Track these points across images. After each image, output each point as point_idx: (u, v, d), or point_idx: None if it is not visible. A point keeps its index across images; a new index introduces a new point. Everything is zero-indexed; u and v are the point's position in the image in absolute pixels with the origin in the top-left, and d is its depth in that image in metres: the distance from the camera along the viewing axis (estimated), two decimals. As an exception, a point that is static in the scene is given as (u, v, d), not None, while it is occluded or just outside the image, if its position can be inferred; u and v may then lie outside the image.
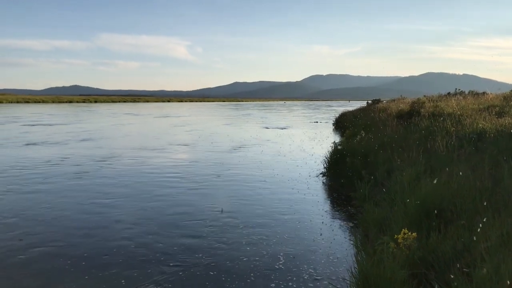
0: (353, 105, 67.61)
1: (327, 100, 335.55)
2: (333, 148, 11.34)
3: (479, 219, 3.79)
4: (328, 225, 6.72)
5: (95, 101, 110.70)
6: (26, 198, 8.27)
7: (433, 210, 4.60)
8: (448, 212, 4.52)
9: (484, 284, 2.95)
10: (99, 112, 52.97)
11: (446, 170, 5.64)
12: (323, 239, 6.02)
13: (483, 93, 16.41)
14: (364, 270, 3.88)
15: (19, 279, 4.70)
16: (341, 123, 26.47)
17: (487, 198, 4.33)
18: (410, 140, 8.94)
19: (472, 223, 3.95)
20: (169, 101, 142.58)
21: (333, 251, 5.56)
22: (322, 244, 5.83)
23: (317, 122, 35.28)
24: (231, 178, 10.56)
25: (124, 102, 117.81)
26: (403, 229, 4.24)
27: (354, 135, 14.05)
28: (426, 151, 7.50)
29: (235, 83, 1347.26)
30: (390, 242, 4.22)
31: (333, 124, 29.99)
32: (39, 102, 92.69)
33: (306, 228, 6.56)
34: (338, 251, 5.54)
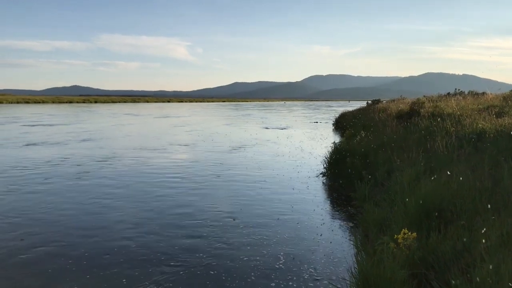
0: (353, 105, 67.63)
1: (327, 100, 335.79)
2: (333, 148, 11.36)
3: (479, 219, 3.81)
4: (328, 225, 6.74)
5: (95, 101, 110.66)
6: (27, 199, 8.29)
7: (433, 210, 4.61)
8: (448, 212, 4.53)
9: (484, 284, 2.96)
10: (99, 112, 52.97)
11: (446, 170, 5.64)
12: (323, 239, 6.03)
13: (483, 93, 16.39)
14: (364, 270, 3.89)
15: (20, 279, 4.72)
16: (341, 123, 26.47)
17: (487, 198, 4.34)
18: (410, 140, 8.95)
19: (472, 223, 3.97)
20: (169, 101, 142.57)
21: (333, 251, 5.57)
22: (322, 244, 5.84)
23: (317, 122, 35.28)
24: (231, 178, 10.57)
25: (124, 102, 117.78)
26: (403, 229, 4.25)
27: (354, 135, 14.06)
28: (426, 151, 7.51)
29: (235, 83, 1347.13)
30: (390, 242, 4.23)
31: (333, 124, 29.99)
32: (39, 103, 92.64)
33: (306, 228, 6.57)
34: (338, 251, 5.56)
